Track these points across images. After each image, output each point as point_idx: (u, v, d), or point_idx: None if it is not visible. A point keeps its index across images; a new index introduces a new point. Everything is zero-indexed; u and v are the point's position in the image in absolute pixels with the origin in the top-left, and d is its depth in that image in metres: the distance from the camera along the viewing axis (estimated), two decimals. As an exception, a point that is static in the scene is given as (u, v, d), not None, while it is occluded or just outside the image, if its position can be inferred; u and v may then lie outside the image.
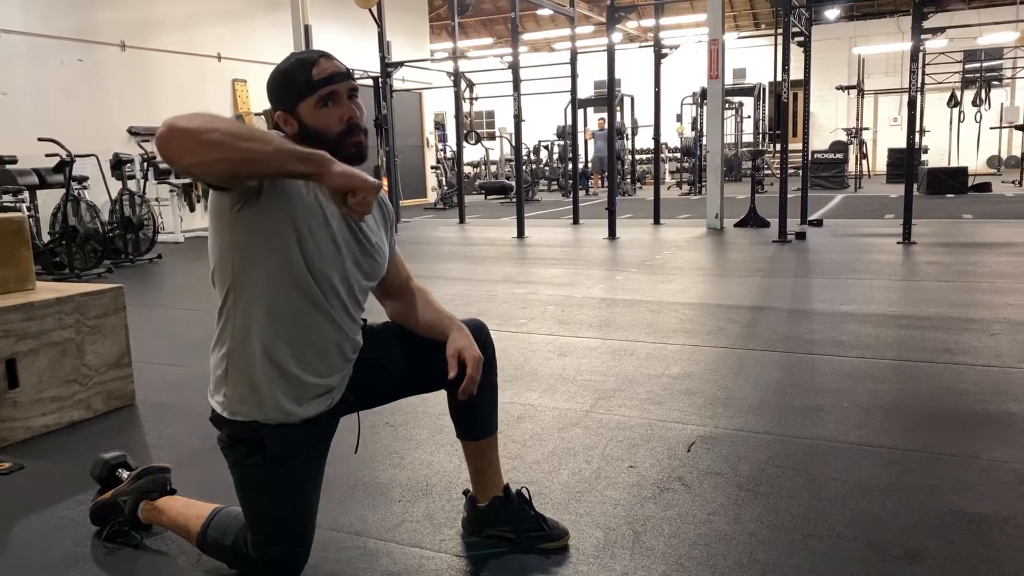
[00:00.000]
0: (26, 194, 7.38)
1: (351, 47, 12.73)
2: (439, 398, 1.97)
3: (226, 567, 1.86)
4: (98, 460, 2.18)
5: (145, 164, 8.86)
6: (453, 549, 1.96)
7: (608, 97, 9.22)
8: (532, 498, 2.00)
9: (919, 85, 8.91)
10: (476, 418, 1.94)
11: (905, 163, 7.93)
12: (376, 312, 1.92)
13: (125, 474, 2.15)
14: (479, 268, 6.97)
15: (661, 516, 2.10)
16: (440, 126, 17.90)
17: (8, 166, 7.34)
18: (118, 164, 8.36)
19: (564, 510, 2.14)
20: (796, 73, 9.33)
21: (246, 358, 1.67)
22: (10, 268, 3.01)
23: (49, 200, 7.59)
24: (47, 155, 7.35)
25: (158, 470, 2.08)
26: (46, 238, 7.51)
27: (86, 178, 7.86)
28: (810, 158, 12.07)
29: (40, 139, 7.11)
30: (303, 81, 1.64)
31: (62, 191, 7.28)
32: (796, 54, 8.85)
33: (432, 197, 15.98)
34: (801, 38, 9.20)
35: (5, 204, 7.23)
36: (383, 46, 10.52)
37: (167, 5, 10.56)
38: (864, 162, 16.30)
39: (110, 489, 2.13)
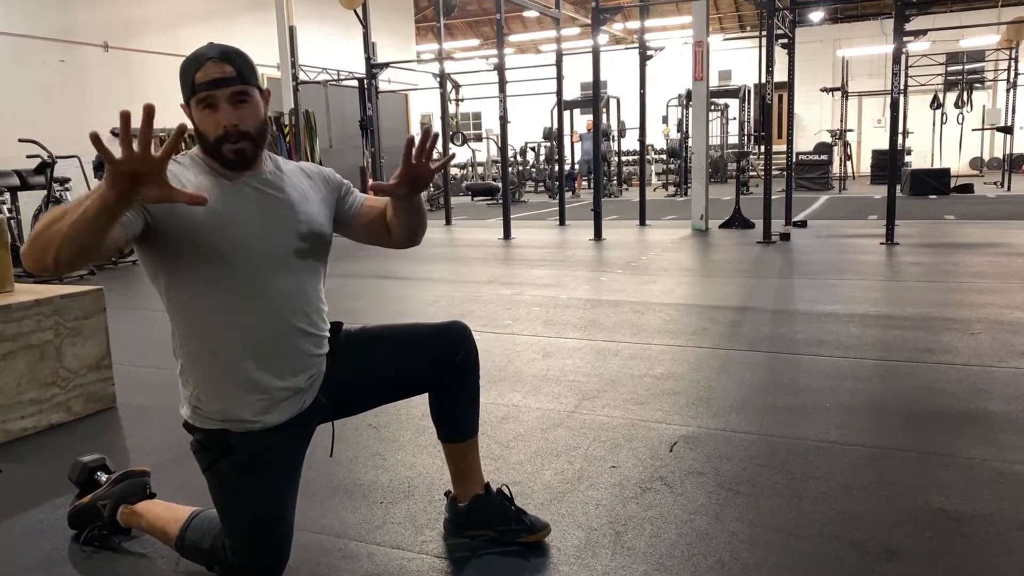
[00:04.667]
0: (7, 196, 7.30)
1: (337, 48, 12.72)
2: (422, 400, 1.96)
3: (205, 570, 1.84)
4: (76, 463, 2.16)
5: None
6: (435, 550, 1.96)
7: (594, 99, 9.24)
8: (513, 496, 2.00)
9: (902, 87, 8.98)
10: (458, 420, 1.93)
11: (888, 165, 7.99)
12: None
13: (104, 477, 2.14)
14: (465, 269, 6.96)
15: (643, 516, 2.10)
16: (427, 127, 17.86)
17: (-11, 167, 7.28)
18: (101, 166, 8.27)
19: (546, 510, 2.14)
20: (780, 75, 9.37)
21: (202, 371, 1.69)
22: (-12, 270, 2.98)
23: (31, 202, 7.52)
24: (28, 156, 7.28)
25: (138, 474, 2.06)
26: (27, 240, 7.44)
27: (68, 180, 7.80)
28: (795, 160, 12.14)
29: (21, 140, 7.05)
30: (189, 82, 1.64)
31: (44, 193, 7.21)
32: (780, 56, 8.89)
33: (418, 198, 15.92)
34: (785, 40, 9.26)
35: (-15, 206, 7.17)
36: (368, 47, 10.50)
37: (150, 6, 10.49)
38: (848, 164, 16.40)
39: (89, 493, 2.11)
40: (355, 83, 10.79)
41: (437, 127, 13.04)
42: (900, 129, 8.41)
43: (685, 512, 2.12)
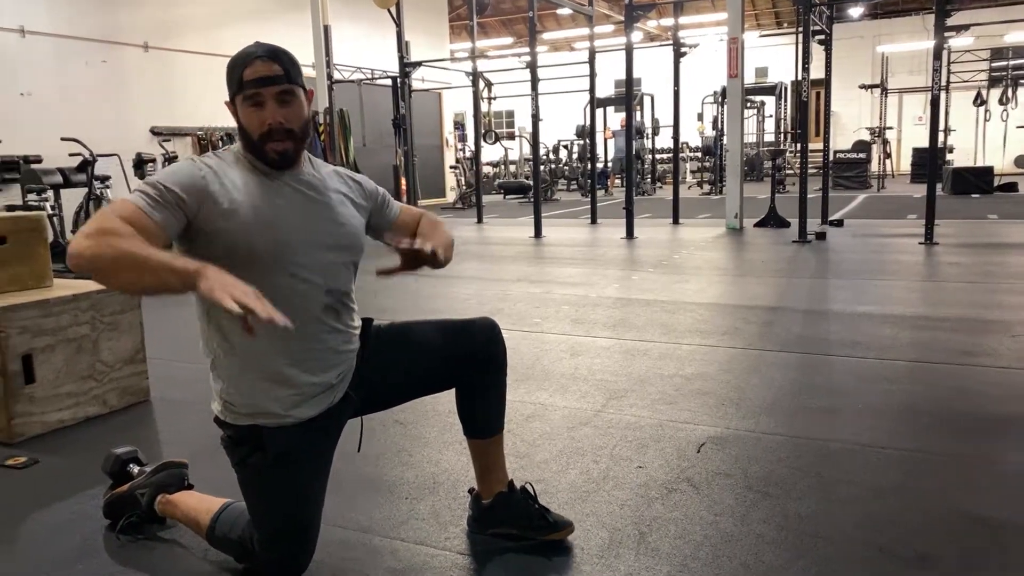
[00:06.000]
0: (50, 193, 7.48)
1: (371, 47, 12.80)
2: (449, 396, 1.97)
3: (234, 561, 1.87)
4: (110, 455, 2.21)
5: (167, 164, 8.96)
6: (458, 547, 1.97)
7: (627, 96, 9.19)
8: (537, 495, 2.00)
9: (943, 84, 8.79)
10: (484, 417, 1.94)
11: (929, 163, 7.83)
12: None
13: (136, 469, 2.18)
14: (495, 267, 6.97)
15: (668, 517, 2.09)
16: (459, 126, 17.91)
17: (33, 165, 7.46)
18: (140, 163, 8.46)
19: (570, 509, 2.13)
20: (818, 72, 9.23)
21: (233, 368, 1.71)
22: (28, 265, 3.05)
23: (73, 199, 7.69)
24: (70, 154, 7.45)
25: (176, 465, 2.11)
26: (70, 236, 7.61)
27: (108, 177, 7.96)
28: (832, 158, 11.95)
29: (63, 139, 7.21)
30: (236, 79, 1.66)
31: (85, 190, 7.37)
32: (817, 53, 8.76)
33: (451, 197, 16.00)
34: (823, 36, 9.11)
35: (30, 203, 7.34)
36: (402, 46, 10.56)
37: (189, 6, 10.67)
38: (888, 162, 16.09)
39: (121, 484, 2.16)
40: (389, 82, 10.85)
41: (470, 125, 13.06)
42: (941, 127, 8.22)
43: (711, 513, 2.10)
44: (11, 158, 7.39)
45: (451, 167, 16.29)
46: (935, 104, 7.38)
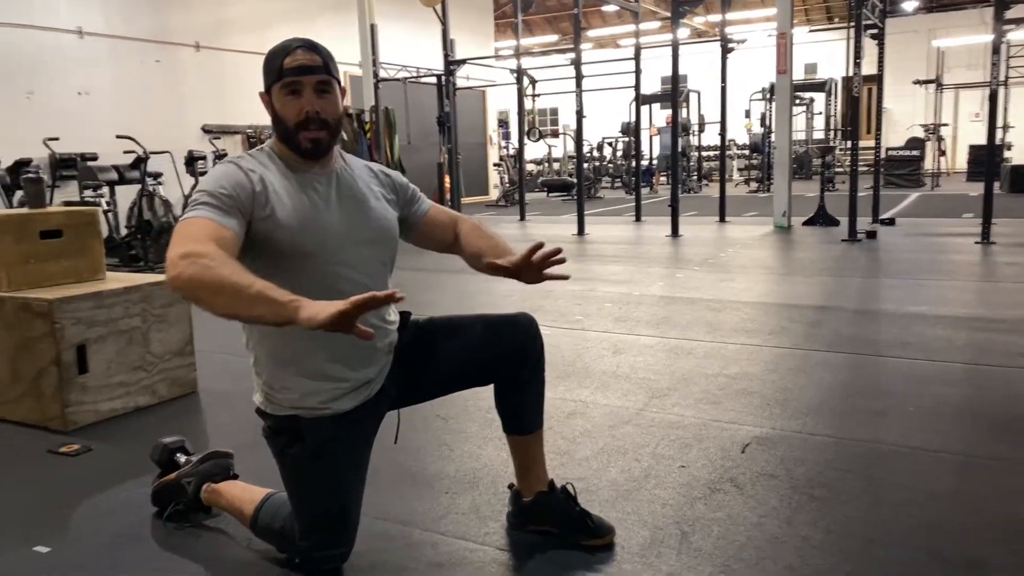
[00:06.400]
0: (105, 189, 7.69)
1: (416, 45, 12.88)
2: (490, 392, 1.96)
3: (276, 550, 1.90)
4: (158, 444, 2.25)
5: (217, 161, 9.13)
6: (497, 542, 1.96)
7: (672, 93, 9.08)
8: (578, 494, 1.98)
9: (1002, 79, 8.52)
10: (522, 413, 1.93)
11: (986, 160, 7.59)
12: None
13: (183, 458, 2.22)
14: (538, 265, 6.94)
15: (710, 517, 2.06)
16: (503, 123, 17.93)
17: (90, 163, 7.67)
18: (191, 161, 8.62)
19: (611, 508, 2.11)
20: (870, 67, 9.02)
21: (275, 361, 1.73)
22: (82, 259, 3.14)
23: (128, 196, 7.89)
24: (125, 152, 7.64)
25: (222, 455, 2.15)
26: (124, 232, 7.81)
27: (160, 174, 8.15)
28: (884, 155, 11.67)
29: (118, 136, 7.40)
30: (276, 68, 1.69)
31: (138, 187, 7.55)
32: (870, 48, 8.56)
33: (494, 194, 16.03)
34: (875, 31, 8.90)
35: (86, 199, 7.56)
36: (447, 44, 10.60)
37: (239, 7, 10.86)
38: (942, 159, 15.66)
39: (168, 473, 2.20)
40: (433, 80, 10.90)
41: (514, 123, 13.06)
42: (1000, 123, 7.95)
43: (755, 515, 2.06)
44: (69, 155, 7.61)
45: (495, 165, 16.32)
46: (993, 100, 7.15)
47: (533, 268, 1.72)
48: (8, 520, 2.21)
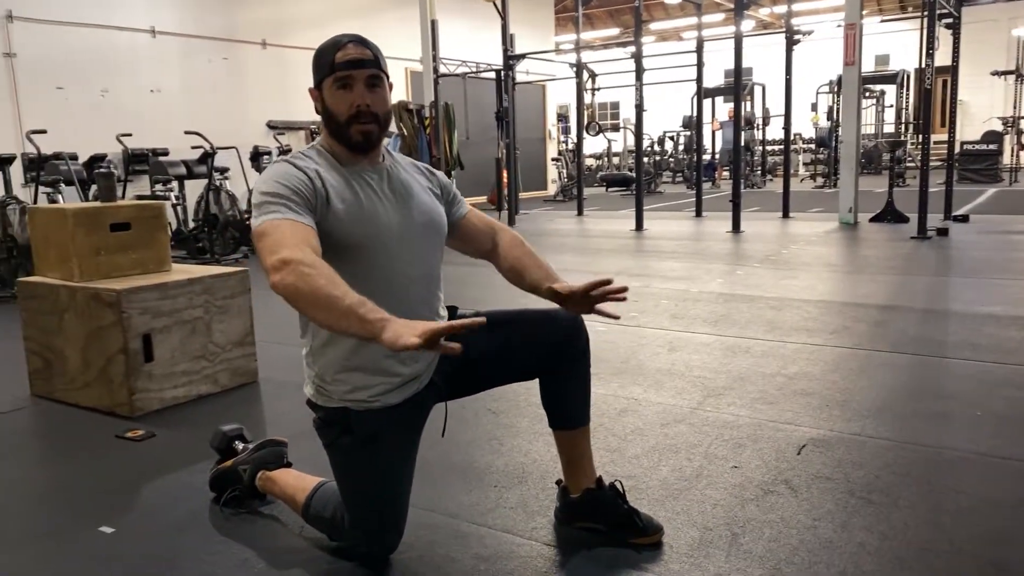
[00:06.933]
0: (175, 184, 7.94)
1: (476, 41, 12.94)
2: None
3: (326, 538, 1.94)
4: (217, 432, 2.32)
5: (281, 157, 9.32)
6: (544, 538, 1.96)
7: (735, 86, 8.91)
8: (626, 492, 1.97)
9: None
10: (568, 407, 1.93)
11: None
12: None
13: (240, 446, 2.28)
14: (593, 260, 6.91)
15: (762, 519, 2.02)
16: (563, 118, 17.86)
17: (160, 158, 7.92)
18: (256, 156, 8.84)
19: (660, 507, 2.09)
20: (945, 58, 8.69)
21: (329, 355, 1.76)
22: (149, 250, 3.25)
23: (196, 190, 8.13)
24: (193, 147, 7.87)
25: (277, 443, 2.20)
26: (192, 225, 8.05)
27: (227, 169, 8.37)
28: (958, 149, 11.22)
29: (186, 132, 7.62)
30: (327, 62, 1.71)
31: (205, 181, 7.78)
32: (944, 38, 8.24)
33: (552, 190, 15.99)
34: (950, 20, 8.56)
35: (157, 193, 7.82)
36: (506, 39, 10.60)
37: (303, 4, 11.07)
38: (1022, 153, 14.98)
39: (227, 459, 2.26)
40: (493, 75, 10.92)
41: (574, 117, 13.00)
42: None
43: (809, 518, 2.01)
44: (141, 151, 7.88)
45: (553, 160, 16.28)
46: (1077, 90, 6.80)
47: (588, 299, 1.75)
48: (77, 501, 2.31)
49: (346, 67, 1.70)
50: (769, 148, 18.06)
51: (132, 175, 7.91)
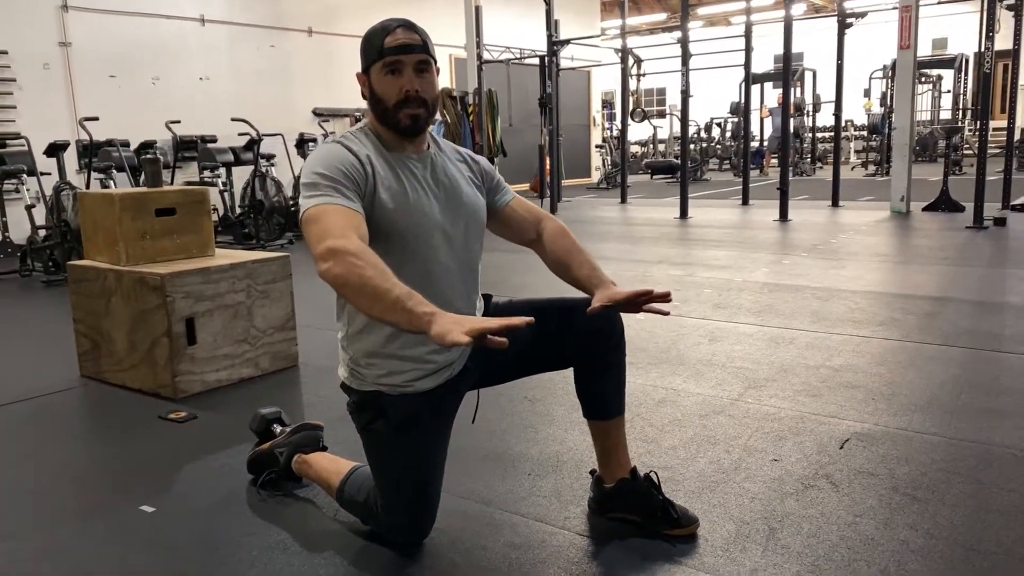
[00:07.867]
0: (222, 170, 8.07)
1: (520, 26, 12.87)
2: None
3: (360, 522, 1.95)
4: (256, 415, 2.35)
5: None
6: (577, 527, 1.95)
7: (784, 71, 8.72)
8: (662, 483, 1.94)
9: None
10: (603, 397, 1.91)
11: None
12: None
13: (279, 429, 2.31)
14: (636, 248, 6.84)
15: (802, 514, 1.97)
16: (608, 104, 17.70)
17: (209, 144, 8.06)
18: (301, 143, 8.93)
19: (696, 499, 2.06)
20: (1005, 42, 8.37)
21: (366, 340, 1.76)
22: (193, 235, 3.30)
23: (243, 176, 8.25)
24: (240, 134, 7.98)
25: (313, 427, 2.22)
26: (238, 211, 8.19)
27: (273, 156, 8.47)
28: (1018, 136, 10.82)
29: (233, 119, 7.73)
30: (376, 47, 1.70)
31: (252, 167, 7.89)
32: (1006, 20, 7.93)
33: (595, 177, 15.88)
34: (1012, 1, 8.23)
35: (205, 179, 7.96)
36: (550, 24, 10.52)
37: (349, -8, 11.14)
38: (1087, 141, 14.39)
39: (266, 441, 2.29)
40: (537, 61, 10.86)
41: (618, 103, 12.86)
42: None
43: (850, 514, 1.96)
44: (190, 138, 8.01)
45: (597, 147, 16.15)
46: None
47: (633, 304, 1.74)
48: (120, 480, 2.36)
49: (395, 52, 1.69)
50: (819, 135, 17.65)
51: (181, 162, 8.05)
